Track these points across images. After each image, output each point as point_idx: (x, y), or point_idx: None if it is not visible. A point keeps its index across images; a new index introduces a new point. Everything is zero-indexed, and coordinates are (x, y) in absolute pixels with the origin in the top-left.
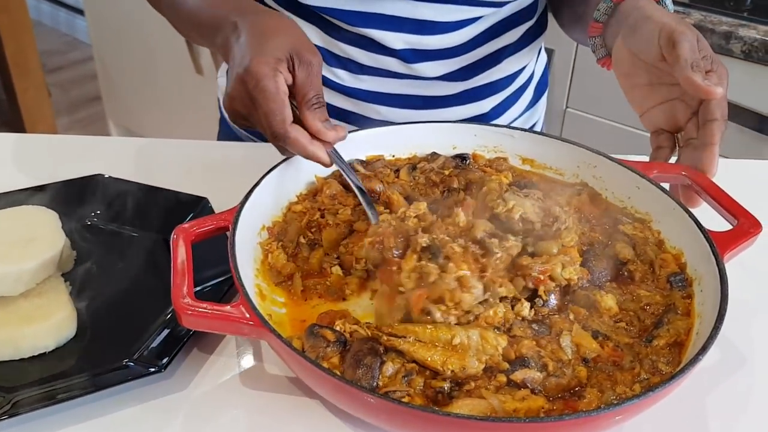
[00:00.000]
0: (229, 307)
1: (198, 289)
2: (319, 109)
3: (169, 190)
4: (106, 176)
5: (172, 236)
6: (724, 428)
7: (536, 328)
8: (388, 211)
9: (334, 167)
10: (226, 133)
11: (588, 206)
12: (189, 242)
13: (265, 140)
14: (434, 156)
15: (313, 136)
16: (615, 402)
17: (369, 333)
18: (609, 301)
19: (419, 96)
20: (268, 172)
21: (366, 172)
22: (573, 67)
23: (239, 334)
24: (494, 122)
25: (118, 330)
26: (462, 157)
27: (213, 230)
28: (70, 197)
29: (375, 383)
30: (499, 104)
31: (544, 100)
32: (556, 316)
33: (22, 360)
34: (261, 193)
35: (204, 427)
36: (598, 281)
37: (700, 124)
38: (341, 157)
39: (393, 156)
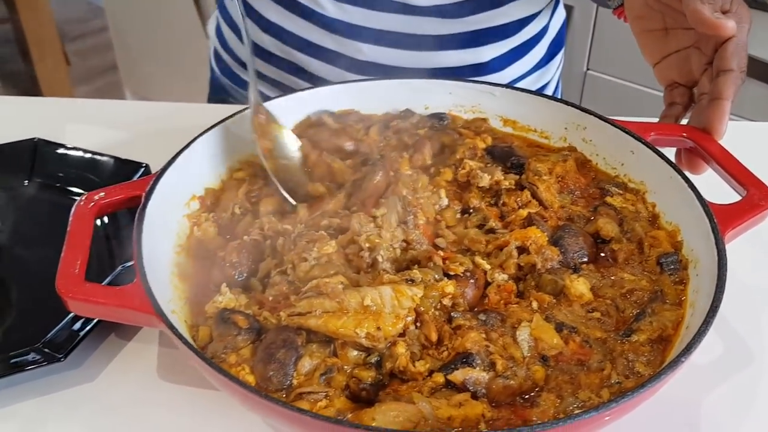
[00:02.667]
0: (123, 291)
1: (128, 265)
2: None
3: (106, 155)
4: (41, 140)
5: (74, 205)
6: None
7: (484, 318)
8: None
9: None
10: (215, 90)
11: (574, 174)
12: (93, 213)
13: (233, 80)
14: (408, 113)
15: None
16: (575, 412)
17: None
18: (580, 286)
19: (410, 35)
20: (200, 135)
21: (335, 125)
22: (594, 26)
23: (133, 323)
24: (493, 76)
25: (32, 311)
26: (439, 117)
27: (124, 200)
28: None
29: (288, 382)
30: (502, 55)
31: (558, 59)
32: (515, 305)
33: None
34: (191, 159)
35: (109, 425)
36: (572, 263)
37: (713, 76)
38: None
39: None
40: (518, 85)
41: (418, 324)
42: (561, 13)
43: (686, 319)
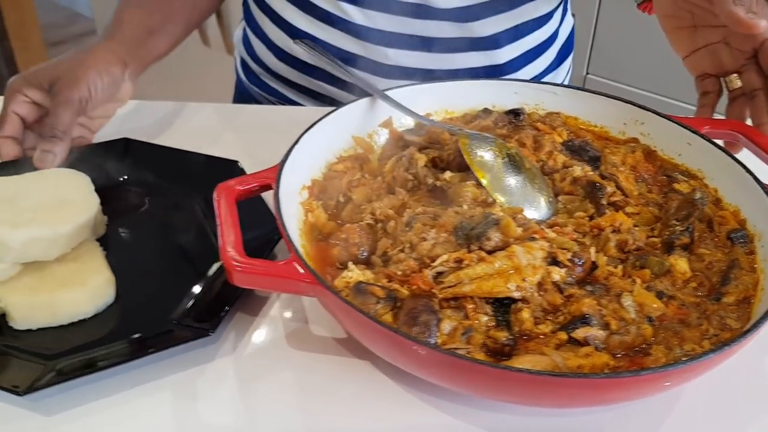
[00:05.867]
0: (284, 264)
1: None
2: (47, 139)
3: (197, 153)
4: (130, 139)
5: (214, 195)
6: None
7: (591, 289)
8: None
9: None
10: (241, 94)
11: (643, 164)
12: (233, 200)
13: (283, 102)
14: (486, 112)
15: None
16: (692, 355)
17: (409, 292)
18: (683, 264)
19: (431, 38)
20: (306, 131)
21: (417, 139)
22: (594, 32)
23: (292, 292)
24: (509, 77)
25: (157, 295)
26: (516, 113)
27: (256, 188)
28: (96, 161)
29: (433, 341)
30: (516, 58)
31: (567, 64)
32: (616, 278)
33: (60, 327)
34: (300, 152)
35: (256, 388)
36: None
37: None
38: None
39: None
40: None
41: (542, 293)
42: (569, 21)
43: (761, 282)
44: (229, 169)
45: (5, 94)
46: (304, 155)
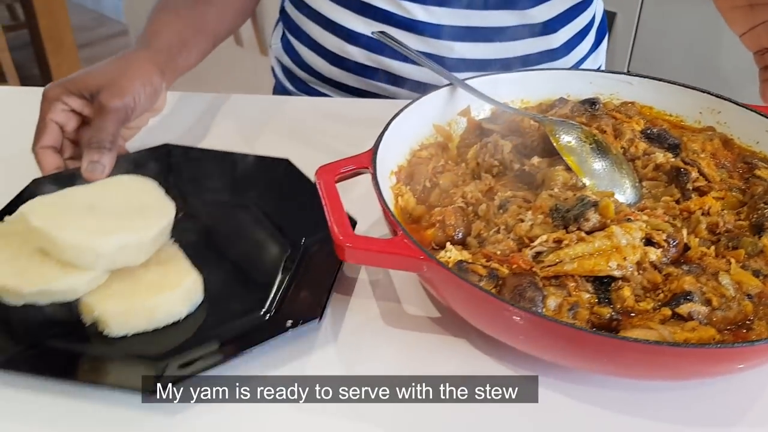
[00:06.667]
0: (393, 241)
1: None
2: (93, 149)
3: (243, 153)
4: (173, 145)
5: (315, 178)
6: None
7: (687, 268)
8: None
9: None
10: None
11: (722, 151)
12: (332, 182)
13: (310, 94)
14: (562, 101)
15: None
16: None
17: (509, 270)
18: None
19: (494, 28)
20: (393, 119)
21: (496, 127)
22: (636, 30)
23: (400, 268)
24: (563, 60)
25: (242, 291)
26: (591, 102)
27: (354, 171)
28: (140, 169)
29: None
30: (567, 41)
31: (604, 46)
32: (710, 258)
33: (155, 331)
34: (388, 139)
35: (361, 366)
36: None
37: None
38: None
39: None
40: (580, 67)
41: (641, 271)
42: (600, 2)
43: None
44: (280, 167)
45: (42, 102)
46: (391, 142)
